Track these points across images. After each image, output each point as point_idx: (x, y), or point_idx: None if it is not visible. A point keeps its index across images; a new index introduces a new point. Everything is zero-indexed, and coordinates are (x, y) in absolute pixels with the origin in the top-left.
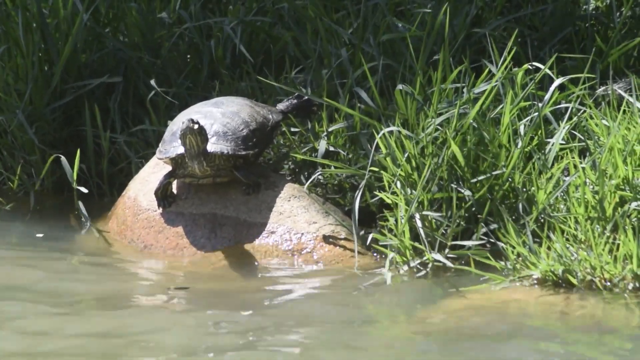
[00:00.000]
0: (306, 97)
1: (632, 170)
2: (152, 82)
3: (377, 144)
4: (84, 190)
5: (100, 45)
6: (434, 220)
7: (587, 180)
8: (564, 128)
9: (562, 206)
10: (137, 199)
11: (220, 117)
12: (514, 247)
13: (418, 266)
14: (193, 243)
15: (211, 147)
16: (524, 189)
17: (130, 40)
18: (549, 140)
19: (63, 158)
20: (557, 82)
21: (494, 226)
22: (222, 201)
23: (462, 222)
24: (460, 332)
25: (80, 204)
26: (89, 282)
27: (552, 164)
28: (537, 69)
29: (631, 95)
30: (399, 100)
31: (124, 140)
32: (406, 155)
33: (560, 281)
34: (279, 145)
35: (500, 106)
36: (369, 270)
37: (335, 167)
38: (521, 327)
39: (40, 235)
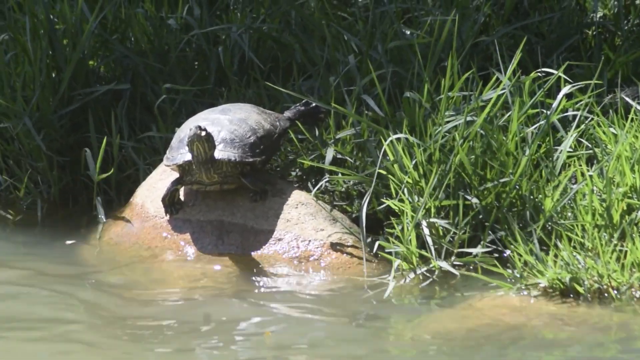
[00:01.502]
0: (314, 104)
1: None
2: (166, 85)
3: (385, 151)
4: (106, 175)
5: (108, 52)
6: (440, 228)
7: (595, 188)
8: (571, 136)
9: (569, 214)
10: (145, 205)
11: (228, 124)
12: (520, 255)
13: (424, 273)
14: (200, 250)
15: (218, 154)
16: (531, 197)
17: (138, 46)
18: (556, 148)
19: (88, 151)
20: (565, 89)
21: (501, 234)
22: (229, 208)
23: (468, 230)
24: (467, 340)
25: (99, 200)
26: (101, 291)
27: (560, 172)
28: (544, 77)
29: (639, 103)
30: (406, 108)
31: (132, 146)
32: (414, 162)
33: (567, 289)
34: (286, 152)
35: (508, 114)
36: (376, 278)
37: (343, 174)
38: (528, 335)
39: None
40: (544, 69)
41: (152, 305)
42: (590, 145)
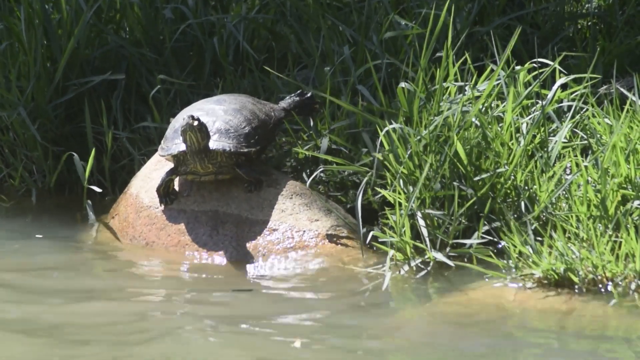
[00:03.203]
0: (308, 95)
1: (634, 169)
2: (161, 76)
3: (380, 141)
4: (97, 189)
5: (103, 42)
6: (435, 219)
7: (589, 178)
8: (566, 126)
9: (564, 205)
10: (139, 196)
11: (223, 114)
12: (515, 246)
13: (419, 264)
14: (195, 240)
15: (213, 144)
16: (526, 187)
17: (132, 36)
18: (551, 138)
19: (76, 156)
20: (561, 80)
21: (496, 224)
22: (224, 198)
23: (463, 220)
24: (461, 331)
25: (89, 203)
26: (94, 285)
27: (555, 163)
28: (539, 67)
29: (634, 94)
30: (401, 98)
31: (126, 137)
32: (409, 152)
33: (561, 280)
34: (281, 142)
35: (503, 104)
36: (371, 268)
37: (338, 165)
38: (522, 326)
39: (40, 236)
40: (539, 59)
41: (149, 299)
42: (585, 136)
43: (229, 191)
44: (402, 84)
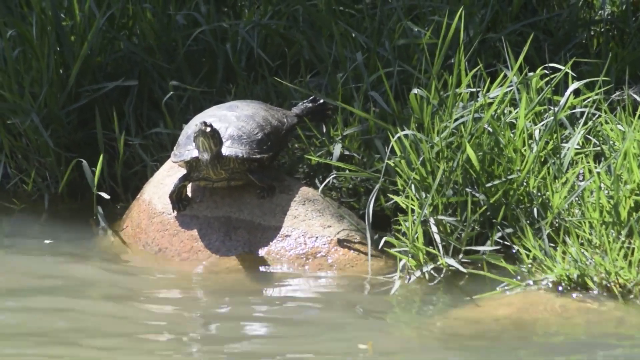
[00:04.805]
0: (321, 101)
1: None
2: (173, 83)
3: (392, 147)
4: (106, 196)
5: (115, 48)
6: (448, 225)
7: (602, 185)
8: (579, 133)
9: (577, 211)
10: (152, 202)
11: (235, 120)
12: (529, 251)
13: (431, 272)
14: (207, 246)
15: (226, 150)
16: (539, 194)
17: (145, 43)
18: (564, 144)
19: (85, 163)
20: (573, 86)
21: (508, 230)
22: (236, 204)
23: (476, 227)
24: (474, 339)
25: (100, 209)
26: (108, 290)
27: (567, 169)
28: (552, 73)
29: None
30: (414, 105)
31: (139, 143)
32: (421, 158)
33: (575, 286)
34: (293, 148)
35: (516, 110)
36: (383, 275)
37: (350, 171)
38: (535, 333)
39: (49, 241)
40: (551, 64)
41: (162, 305)
42: (597, 143)
43: (241, 197)
44: (415, 91)
